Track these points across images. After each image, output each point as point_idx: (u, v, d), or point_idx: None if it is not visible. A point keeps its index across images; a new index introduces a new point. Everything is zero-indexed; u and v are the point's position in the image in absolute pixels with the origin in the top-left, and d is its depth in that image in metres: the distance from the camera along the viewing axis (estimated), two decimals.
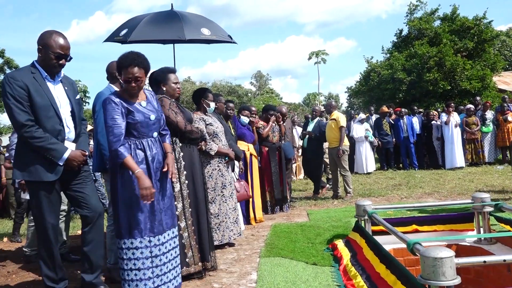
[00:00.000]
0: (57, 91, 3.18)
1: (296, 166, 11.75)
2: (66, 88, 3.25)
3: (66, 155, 3.08)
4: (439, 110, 13.47)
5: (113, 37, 5.18)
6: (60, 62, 3.12)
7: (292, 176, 10.56)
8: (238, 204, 5.51)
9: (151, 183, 3.01)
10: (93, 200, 3.32)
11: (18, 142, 3.18)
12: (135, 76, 3.05)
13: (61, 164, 3.08)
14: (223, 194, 4.84)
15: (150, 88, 3.79)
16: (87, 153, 3.26)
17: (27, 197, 4.55)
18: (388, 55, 22.05)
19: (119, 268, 3.17)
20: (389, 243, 4.04)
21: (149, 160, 3.13)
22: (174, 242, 3.32)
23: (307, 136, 8.57)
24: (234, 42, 5.71)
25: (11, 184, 7.13)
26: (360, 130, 11.96)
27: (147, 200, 3.00)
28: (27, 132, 2.99)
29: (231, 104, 6.04)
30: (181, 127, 3.70)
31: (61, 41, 3.11)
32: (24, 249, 4.81)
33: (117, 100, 3.06)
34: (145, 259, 3.11)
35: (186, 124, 3.75)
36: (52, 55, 3.08)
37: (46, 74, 3.14)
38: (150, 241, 3.13)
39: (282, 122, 7.42)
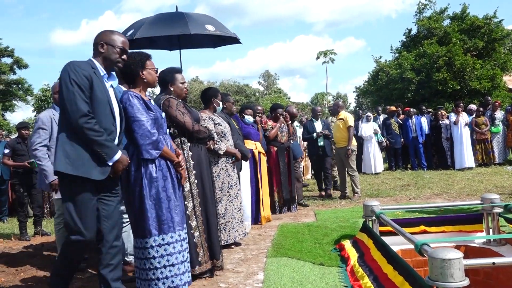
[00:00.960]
0: (111, 93, 3.08)
1: (304, 166, 11.72)
2: (115, 94, 3.17)
3: (117, 156, 2.92)
4: (447, 110, 13.36)
5: None
6: (123, 57, 3.09)
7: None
8: (247, 203, 5.53)
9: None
10: (112, 222, 3.04)
11: (65, 135, 2.85)
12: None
13: (110, 164, 2.92)
14: (230, 194, 4.85)
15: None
16: (129, 161, 3.11)
17: (59, 197, 4.26)
18: (397, 54, 21.92)
19: (143, 269, 3.11)
20: (396, 244, 4.02)
21: None
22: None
23: (322, 135, 8.51)
24: (239, 42, 5.72)
25: (18, 184, 7.08)
26: (368, 129, 11.92)
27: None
28: (88, 123, 2.80)
29: (232, 99, 5.92)
30: (189, 127, 3.71)
31: (122, 37, 3.13)
32: (56, 258, 4.54)
33: (138, 95, 3.15)
34: (177, 254, 3.16)
35: (193, 124, 3.76)
36: (117, 49, 3.05)
37: (104, 72, 3.05)
38: (179, 235, 3.20)
39: (290, 122, 7.42)
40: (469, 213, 4.87)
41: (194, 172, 3.79)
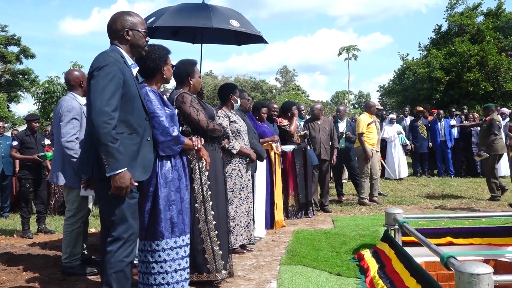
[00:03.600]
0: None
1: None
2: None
3: (121, 171, 2.73)
4: (478, 112, 13.16)
5: None
6: (147, 39, 3.06)
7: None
8: (261, 207, 5.54)
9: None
10: None
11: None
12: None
13: (108, 176, 2.76)
14: (240, 196, 4.83)
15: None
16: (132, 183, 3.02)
17: (91, 193, 4.00)
18: (426, 52, 21.74)
19: (151, 273, 3.11)
20: (420, 255, 3.99)
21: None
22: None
23: (344, 136, 8.51)
24: (265, 42, 5.72)
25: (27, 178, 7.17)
26: (391, 131, 11.83)
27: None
28: (107, 124, 2.63)
29: (247, 96, 5.90)
30: (203, 125, 3.68)
31: (141, 17, 3.04)
32: (63, 260, 4.29)
33: (156, 90, 3.19)
34: (187, 258, 3.22)
35: (208, 122, 3.74)
36: (143, 33, 2.99)
37: (133, 62, 2.97)
38: (189, 238, 3.26)
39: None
40: (500, 225, 4.80)
41: (207, 173, 3.77)
